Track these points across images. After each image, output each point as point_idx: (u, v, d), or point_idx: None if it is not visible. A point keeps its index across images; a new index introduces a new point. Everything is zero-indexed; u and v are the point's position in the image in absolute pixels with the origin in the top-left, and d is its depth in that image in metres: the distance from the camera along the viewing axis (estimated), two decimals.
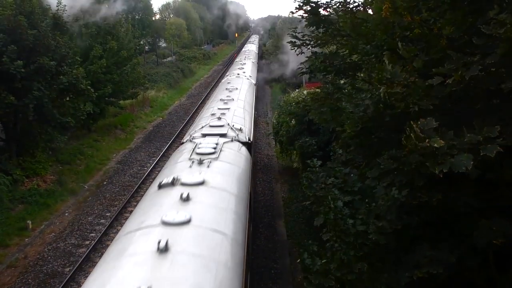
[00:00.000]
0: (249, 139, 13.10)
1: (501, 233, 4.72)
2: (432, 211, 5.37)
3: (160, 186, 8.40)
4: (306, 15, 10.79)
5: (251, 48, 58.90)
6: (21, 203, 16.52)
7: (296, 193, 17.70)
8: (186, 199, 7.45)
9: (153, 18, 69.64)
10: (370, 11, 8.98)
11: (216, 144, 11.06)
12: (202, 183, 8.34)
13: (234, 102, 17.69)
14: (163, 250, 5.66)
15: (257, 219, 15.62)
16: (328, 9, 10.92)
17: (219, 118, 14.15)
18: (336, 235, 6.62)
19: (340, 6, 11.05)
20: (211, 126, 13.52)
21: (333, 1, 11.29)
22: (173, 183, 8.33)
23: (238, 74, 27.91)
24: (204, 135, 12.63)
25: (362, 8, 10.28)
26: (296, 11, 11.03)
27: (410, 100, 4.79)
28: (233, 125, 13.45)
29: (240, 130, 13.28)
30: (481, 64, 4.34)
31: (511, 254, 5.20)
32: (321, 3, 10.75)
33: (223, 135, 12.38)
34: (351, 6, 10.96)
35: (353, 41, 7.72)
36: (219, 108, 16.07)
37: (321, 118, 9.49)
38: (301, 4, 10.66)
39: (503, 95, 4.48)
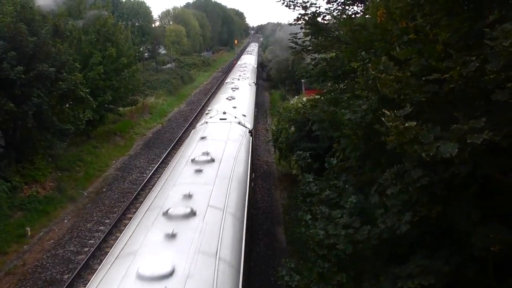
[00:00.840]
0: None
1: (499, 239, 4.69)
2: (431, 222, 5.37)
3: None
4: (306, 25, 10.88)
5: (249, 60, 48.45)
6: (20, 210, 16.48)
7: (296, 200, 17.67)
8: None
9: (153, 25, 69.96)
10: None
11: None
12: None
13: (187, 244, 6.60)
14: None
15: (256, 226, 15.60)
16: (325, 19, 11.02)
17: None
18: (311, 248, 6.69)
19: (339, 13, 11.17)
20: None
21: (332, 8, 11.42)
22: None
23: (224, 113, 15.91)
24: None
25: (362, 13, 10.38)
26: (295, 22, 11.15)
27: (403, 92, 4.83)
28: None
29: None
30: (479, 63, 4.37)
31: (510, 262, 5.18)
32: (318, 12, 10.84)
33: None
34: (350, 12, 11.08)
35: (352, 48, 7.77)
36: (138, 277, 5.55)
37: (320, 126, 9.52)
38: (300, 16, 10.76)
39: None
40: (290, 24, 11.65)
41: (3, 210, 15.76)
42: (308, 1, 10.94)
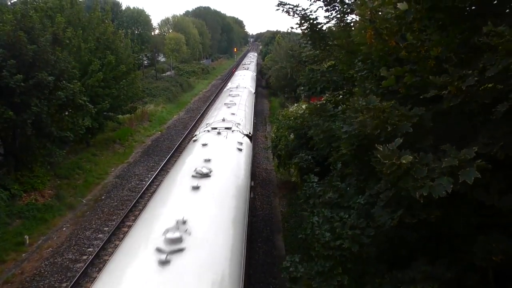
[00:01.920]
0: None
1: (500, 249, 4.66)
2: (430, 227, 5.37)
3: None
4: (306, 30, 10.92)
5: (244, 80, 34.00)
6: (18, 218, 16.44)
7: (295, 207, 17.66)
8: None
9: (152, 33, 70.26)
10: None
11: None
12: None
13: None
14: None
15: (255, 234, 15.56)
16: (323, 29, 11.07)
17: None
18: (315, 250, 6.68)
19: (338, 21, 11.21)
20: None
21: (331, 16, 11.46)
22: None
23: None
24: None
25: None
26: (297, 28, 11.19)
27: (389, 122, 4.82)
28: None
29: None
30: (477, 77, 4.37)
31: (510, 272, 5.17)
32: (316, 22, 10.90)
33: None
34: (348, 21, 11.12)
35: (349, 62, 7.82)
36: None
37: (318, 139, 9.52)
38: (301, 21, 10.81)
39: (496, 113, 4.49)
40: (292, 28, 11.67)
41: (2, 218, 15.72)
42: (308, 9, 11.00)
